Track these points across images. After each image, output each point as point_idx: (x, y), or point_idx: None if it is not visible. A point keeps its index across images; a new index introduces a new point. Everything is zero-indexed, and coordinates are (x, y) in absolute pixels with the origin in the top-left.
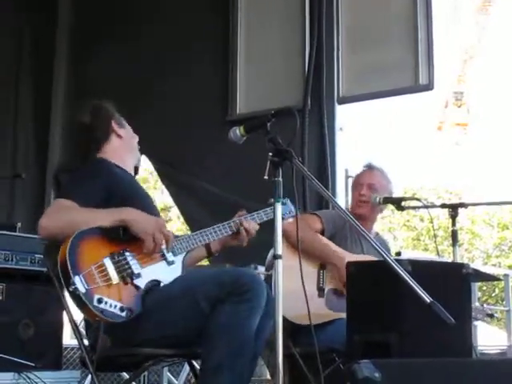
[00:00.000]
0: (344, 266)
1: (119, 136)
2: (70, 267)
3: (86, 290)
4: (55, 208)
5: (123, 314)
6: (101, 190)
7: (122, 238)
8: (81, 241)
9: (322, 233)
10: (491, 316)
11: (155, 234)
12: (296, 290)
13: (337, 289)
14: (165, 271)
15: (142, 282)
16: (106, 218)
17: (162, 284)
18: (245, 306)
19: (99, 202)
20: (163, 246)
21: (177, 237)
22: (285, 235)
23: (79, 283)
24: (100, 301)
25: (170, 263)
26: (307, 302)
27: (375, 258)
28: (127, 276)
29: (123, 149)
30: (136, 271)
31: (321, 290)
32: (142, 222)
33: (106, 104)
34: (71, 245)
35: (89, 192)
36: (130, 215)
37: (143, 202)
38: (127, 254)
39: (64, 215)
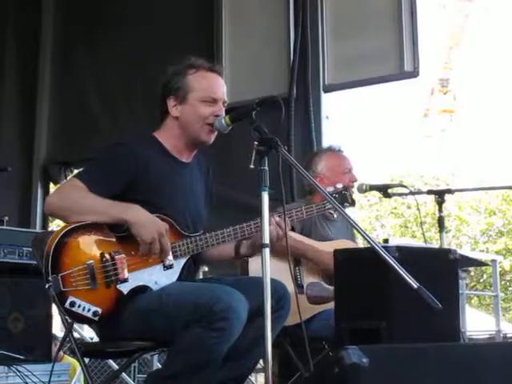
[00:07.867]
0: (320, 258)
1: (174, 117)
2: (50, 265)
3: (61, 291)
4: (67, 186)
5: (96, 318)
6: (118, 181)
7: (121, 236)
8: (70, 238)
9: (292, 229)
10: None
11: (152, 243)
12: None
13: (314, 282)
14: (159, 275)
15: (126, 288)
16: (110, 212)
17: (149, 290)
18: (215, 333)
19: (115, 191)
20: (156, 255)
21: (188, 237)
22: None
23: (55, 283)
24: (72, 304)
25: (167, 267)
26: (298, 303)
27: (346, 243)
28: (111, 281)
29: (178, 131)
30: (122, 276)
31: (300, 287)
32: (144, 226)
33: (176, 73)
34: (58, 241)
35: (104, 180)
36: (135, 217)
37: (175, 199)
38: (118, 256)
39: (72, 196)
